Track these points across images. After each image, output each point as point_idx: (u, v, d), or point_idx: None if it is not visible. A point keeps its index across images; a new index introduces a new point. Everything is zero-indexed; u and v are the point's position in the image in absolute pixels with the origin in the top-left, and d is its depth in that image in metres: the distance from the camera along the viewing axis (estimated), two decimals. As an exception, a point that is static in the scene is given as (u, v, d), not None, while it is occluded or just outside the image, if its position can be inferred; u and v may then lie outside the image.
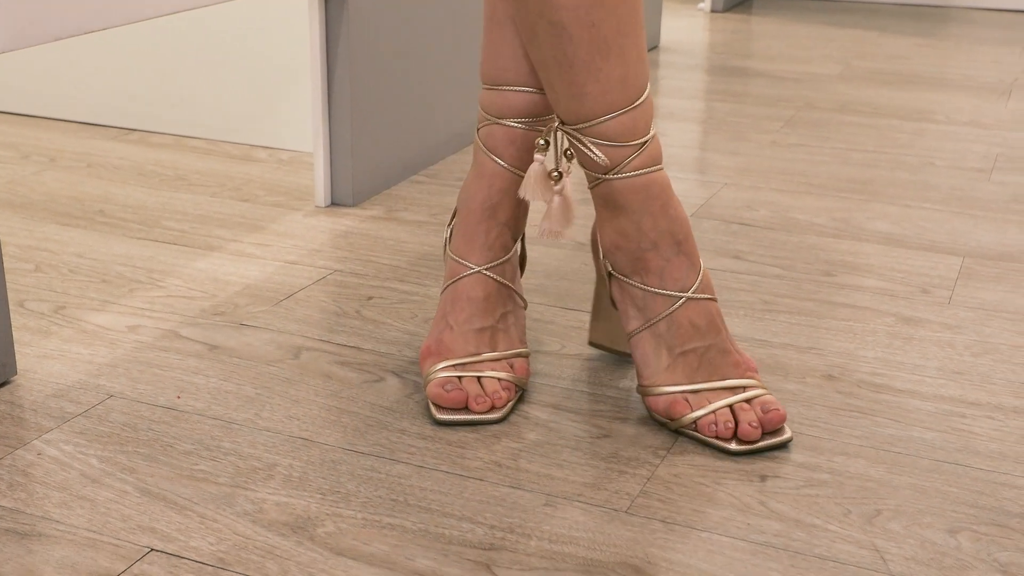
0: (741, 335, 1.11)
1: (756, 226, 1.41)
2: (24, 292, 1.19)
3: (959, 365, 1.06)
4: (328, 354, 1.07)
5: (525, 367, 0.99)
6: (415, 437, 0.93)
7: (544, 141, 0.93)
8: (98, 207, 1.46)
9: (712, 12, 3.00)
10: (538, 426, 0.95)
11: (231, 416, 0.95)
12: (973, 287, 1.23)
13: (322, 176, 1.46)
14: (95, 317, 1.14)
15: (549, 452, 0.91)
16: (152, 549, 0.78)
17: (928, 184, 1.59)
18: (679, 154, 1.73)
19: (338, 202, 1.48)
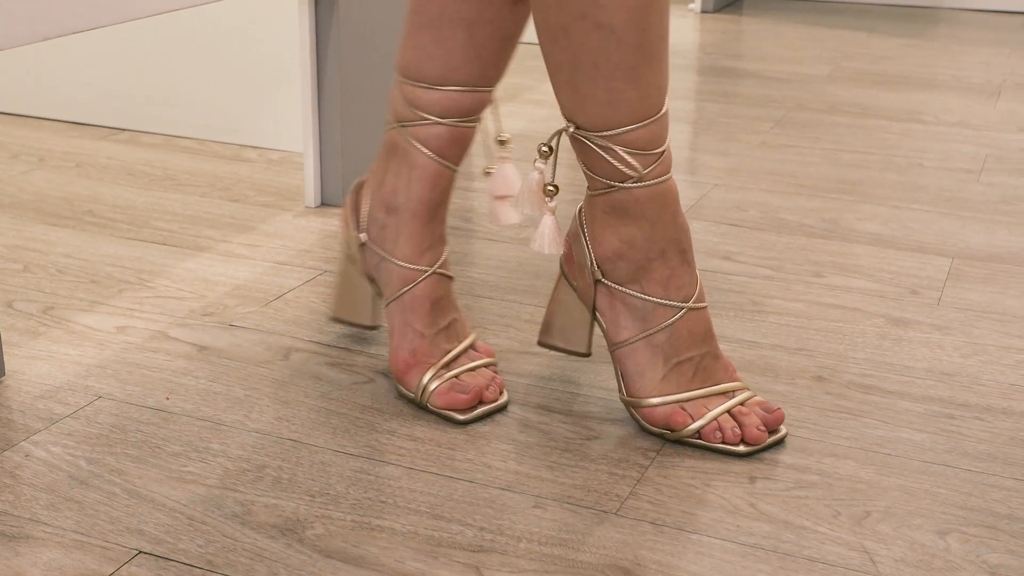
0: (731, 336, 1.11)
1: (746, 227, 1.41)
2: (12, 292, 1.19)
3: (948, 366, 1.06)
4: (318, 355, 1.06)
5: (486, 346, 1.02)
6: (404, 439, 0.92)
7: (548, 148, 0.92)
8: (87, 207, 1.45)
9: (702, 12, 3.00)
10: (527, 428, 0.94)
11: (220, 417, 0.95)
12: (962, 288, 1.24)
13: (312, 176, 1.46)
14: (84, 318, 1.14)
15: (538, 454, 0.91)
16: (140, 551, 0.78)
17: (917, 185, 1.59)
18: (672, 154, 1.72)
19: (328, 202, 1.48)
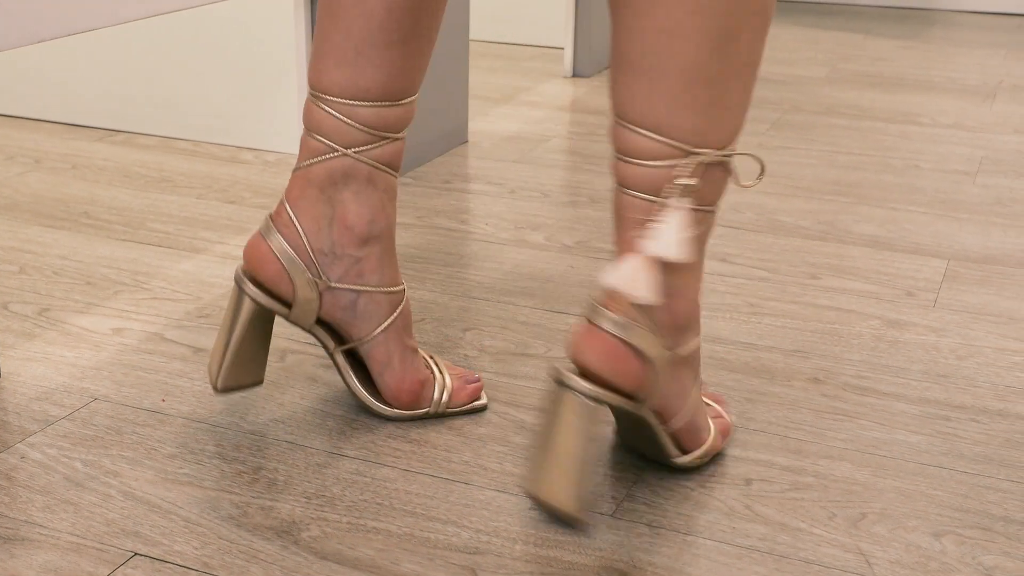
0: (726, 338, 1.11)
1: (742, 228, 1.41)
2: (8, 294, 1.19)
3: (944, 368, 1.06)
4: (313, 357, 1.06)
5: None
6: (400, 441, 0.92)
7: (693, 182, 0.79)
8: (83, 209, 1.45)
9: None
10: (523, 430, 0.94)
11: (216, 419, 0.95)
12: (958, 290, 1.24)
13: (308, 178, 1.46)
14: (79, 319, 1.13)
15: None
16: (136, 553, 0.78)
17: (913, 187, 1.59)
18: (665, 156, 1.72)
19: (324, 204, 1.47)
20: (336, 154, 0.88)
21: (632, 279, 0.77)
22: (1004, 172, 1.67)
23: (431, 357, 0.98)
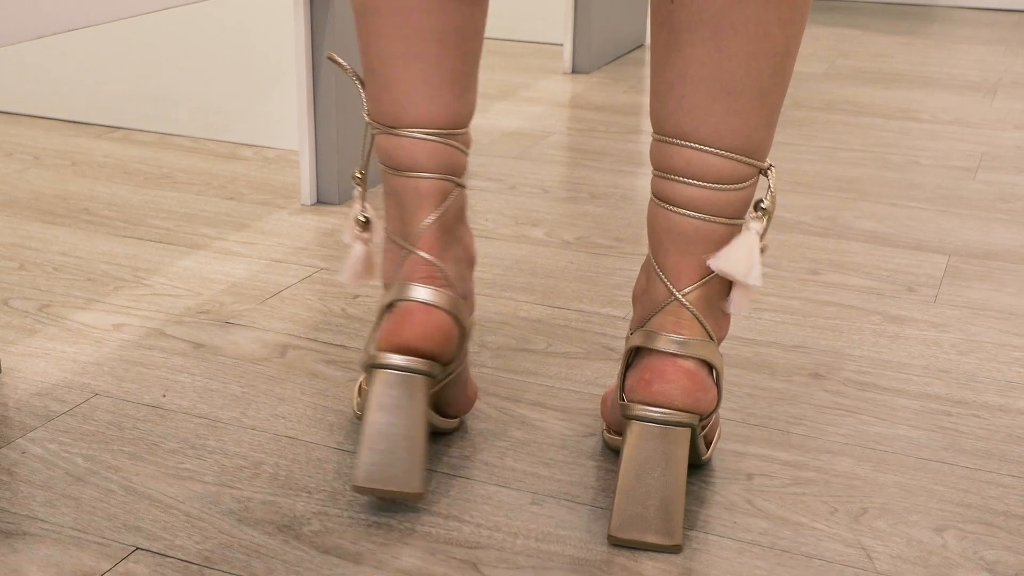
0: (728, 333, 1.11)
1: (742, 224, 1.41)
2: (8, 290, 1.19)
3: (945, 363, 1.06)
4: (314, 352, 1.06)
5: None
6: (402, 436, 0.92)
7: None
8: (82, 205, 1.45)
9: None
10: (524, 424, 0.94)
11: (217, 415, 0.95)
12: (959, 286, 1.24)
13: (308, 174, 1.46)
14: (80, 315, 1.13)
15: (535, 450, 0.91)
16: (137, 548, 0.78)
17: (914, 183, 1.59)
18: (665, 152, 1.72)
19: (324, 200, 1.47)
20: (460, 189, 0.83)
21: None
22: (1005, 168, 1.67)
23: None
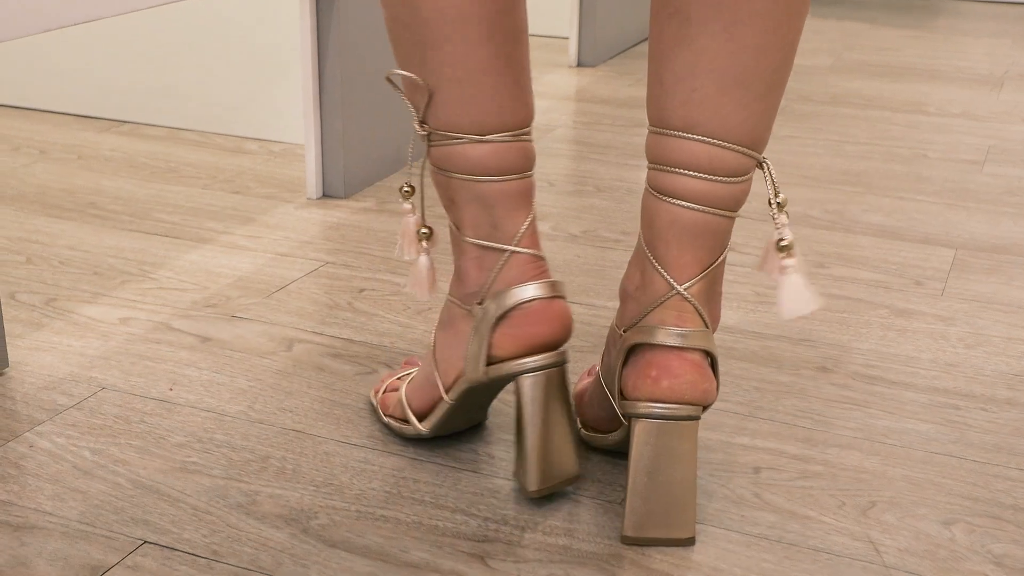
0: (734, 327, 1.11)
1: (749, 218, 1.41)
2: (15, 284, 1.19)
3: (952, 357, 1.06)
4: (321, 346, 1.06)
5: None
6: (409, 429, 0.92)
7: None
8: (89, 199, 1.45)
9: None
10: (532, 418, 0.94)
11: (224, 408, 0.95)
12: (966, 279, 1.24)
13: (313, 168, 1.46)
14: (87, 309, 1.13)
15: (543, 444, 0.90)
16: (145, 541, 0.78)
17: (921, 176, 1.59)
18: (672, 146, 1.72)
19: (330, 194, 1.47)
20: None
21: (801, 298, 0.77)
22: (1012, 161, 1.66)
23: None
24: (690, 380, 0.76)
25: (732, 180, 0.76)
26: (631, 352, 0.78)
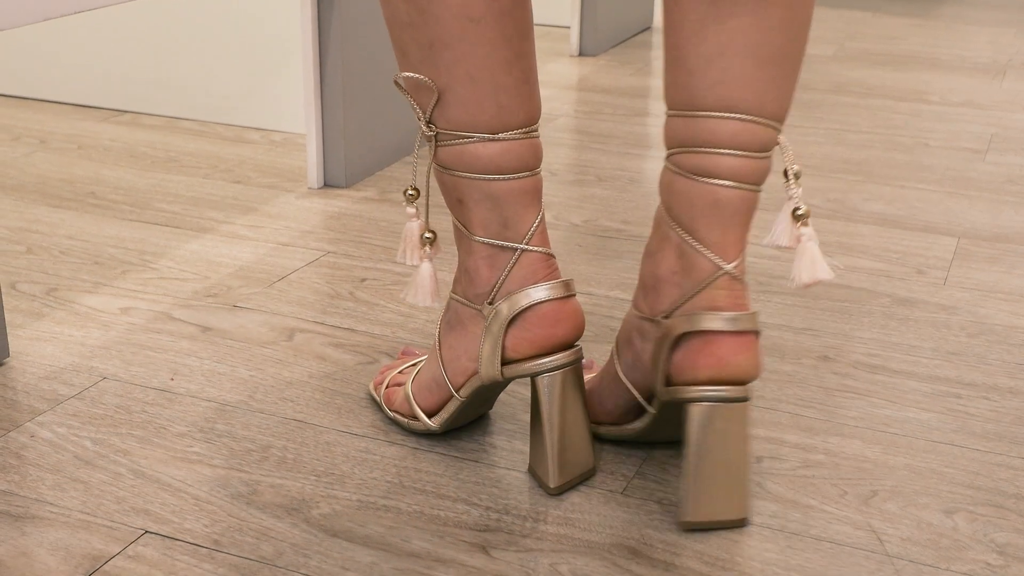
0: (736, 316, 1.11)
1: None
2: (16, 274, 1.19)
3: (954, 346, 1.06)
4: (322, 336, 1.06)
5: None
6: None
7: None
8: (89, 189, 1.45)
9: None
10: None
11: (225, 398, 0.95)
12: (968, 268, 1.23)
13: (315, 157, 1.46)
14: (87, 299, 1.13)
15: (544, 433, 0.90)
16: (146, 531, 0.78)
17: (923, 165, 1.58)
18: (673, 135, 1.72)
19: (331, 183, 1.47)
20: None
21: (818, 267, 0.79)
22: (1015, 150, 1.66)
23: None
24: (754, 360, 0.77)
25: (763, 155, 0.77)
26: (681, 338, 0.78)
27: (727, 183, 0.76)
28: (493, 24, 0.76)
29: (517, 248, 0.81)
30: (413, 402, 0.88)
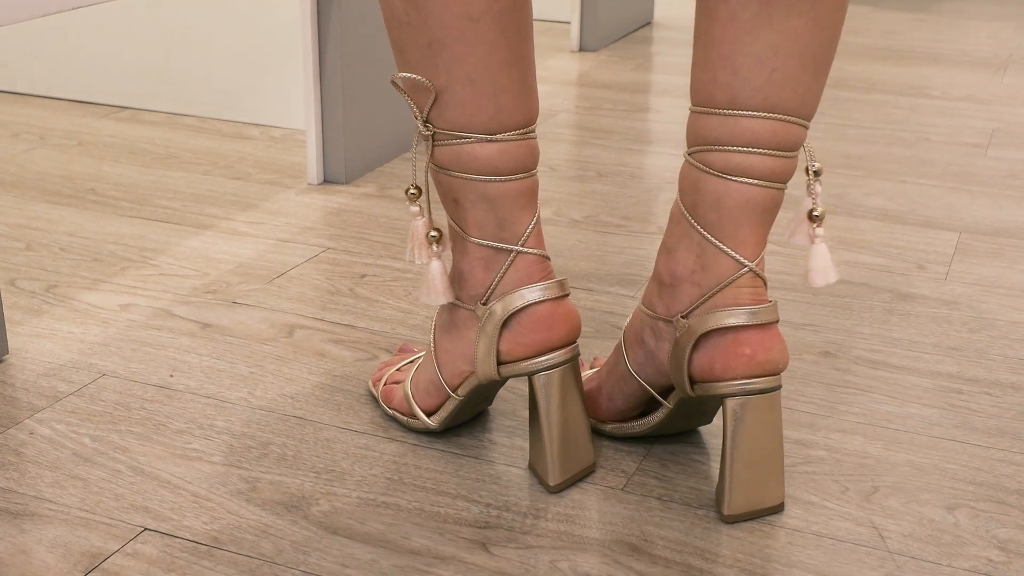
0: (737, 312, 1.11)
1: (751, 202, 1.40)
2: (15, 271, 1.19)
3: (956, 341, 1.05)
4: (321, 332, 1.06)
5: None
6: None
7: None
8: (89, 185, 1.45)
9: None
10: (533, 404, 0.94)
11: (224, 395, 0.95)
12: (970, 263, 1.23)
13: (314, 153, 1.45)
14: (87, 296, 1.13)
15: (545, 430, 0.90)
16: (145, 528, 0.78)
17: (924, 160, 1.58)
18: (674, 130, 1.72)
19: (331, 179, 1.47)
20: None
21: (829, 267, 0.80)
22: (1016, 144, 1.65)
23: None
24: (782, 351, 0.78)
25: (795, 154, 0.78)
26: (706, 335, 0.78)
27: (760, 183, 0.76)
28: (493, 24, 0.76)
29: (513, 250, 0.80)
30: (412, 401, 0.88)
